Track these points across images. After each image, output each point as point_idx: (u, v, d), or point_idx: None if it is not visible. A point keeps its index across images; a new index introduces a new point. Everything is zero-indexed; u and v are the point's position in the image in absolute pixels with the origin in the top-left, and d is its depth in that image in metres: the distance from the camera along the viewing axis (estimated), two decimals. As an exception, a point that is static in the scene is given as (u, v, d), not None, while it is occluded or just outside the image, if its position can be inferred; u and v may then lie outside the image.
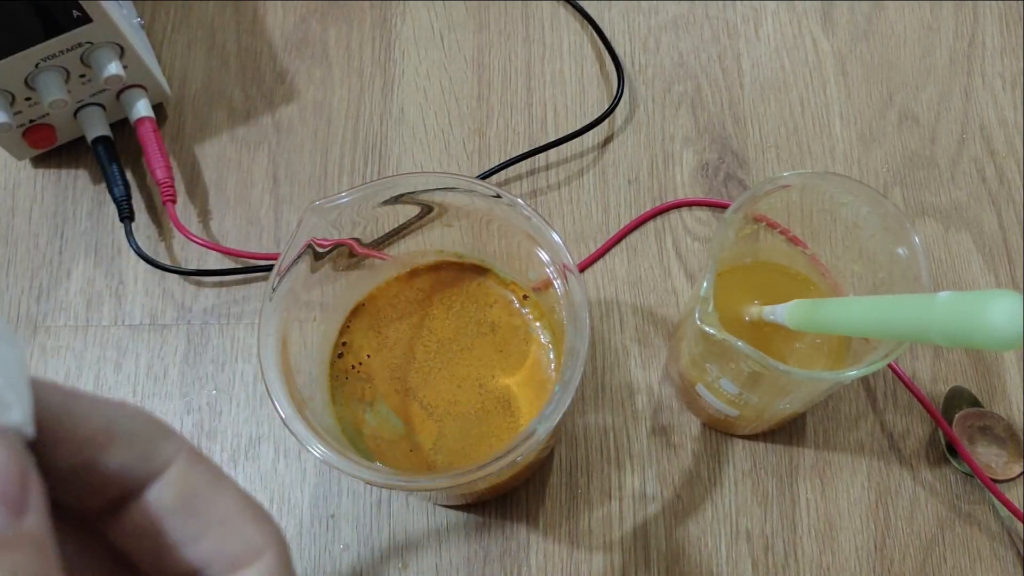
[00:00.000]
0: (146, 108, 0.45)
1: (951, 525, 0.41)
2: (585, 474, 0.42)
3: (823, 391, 0.37)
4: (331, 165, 0.48)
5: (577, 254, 0.46)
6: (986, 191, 0.47)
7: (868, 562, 0.40)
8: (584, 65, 0.50)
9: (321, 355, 0.37)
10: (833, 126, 0.48)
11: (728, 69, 0.50)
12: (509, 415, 0.37)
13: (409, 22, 0.51)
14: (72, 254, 0.46)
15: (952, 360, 0.44)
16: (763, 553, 0.40)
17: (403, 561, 0.40)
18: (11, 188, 0.47)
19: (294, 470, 0.42)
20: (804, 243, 0.38)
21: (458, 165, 0.48)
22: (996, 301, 0.23)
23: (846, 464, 0.42)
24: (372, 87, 0.49)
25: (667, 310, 0.45)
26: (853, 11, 0.51)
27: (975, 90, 0.49)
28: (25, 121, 0.44)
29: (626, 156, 0.48)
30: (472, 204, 0.35)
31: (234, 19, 0.51)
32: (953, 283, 0.45)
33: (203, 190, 0.47)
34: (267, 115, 0.49)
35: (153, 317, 0.45)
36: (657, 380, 0.43)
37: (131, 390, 0.43)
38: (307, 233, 0.33)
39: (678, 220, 0.47)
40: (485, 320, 0.38)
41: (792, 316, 0.34)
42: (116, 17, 0.41)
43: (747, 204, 0.34)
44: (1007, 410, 0.43)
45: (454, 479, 0.30)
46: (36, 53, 0.40)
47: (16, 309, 0.45)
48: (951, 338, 0.25)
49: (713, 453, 0.42)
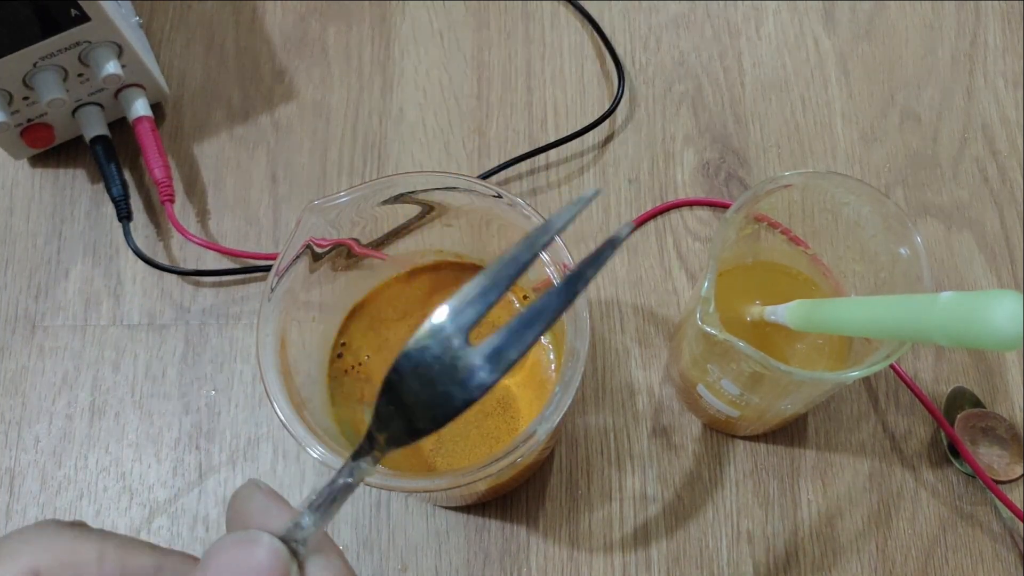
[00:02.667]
0: (144, 107, 0.45)
1: (953, 526, 0.41)
2: (585, 475, 0.42)
3: (825, 392, 0.37)
4: (330, 164, 0.48)
5: (577, 254, 0.45)
6: (988, 191, 0.47)
7: (870, 563, 0.40)
8: (584, 64, 0.50)
9: (320, 355, 0.37)
10: (835, 125, 0.48)
11: (729, 68, 0.50)
12: (509, 416, 0.37)
13: (408, 21, 0.51)
14: (70, 254, 0.46)
15: (954, 361, 0.44)
16: (764, 554, 0.40)
17: (403, 563, 0.40)
18: (9, 187, 0.47)
19: (293, 471, 0.42)
20: (805, 243, 0.38)
21: (457, 164, 0.48)
22: (998, 301, 0.23)
23: (848, 465, 0.42)
24: (371, 86, 0.49)
25: (668, 310, 0.44)
26: (855, 10, 0.51)
27: (977, 89, 0.49)
28: (23, 120, 0.43)
29: (626, 155, 0.48)
30: (472, 204, 0.34)
31: (233, 18, 0.51)
32: (955, 283, 0.45)
33: (201, 190, 0.47)
34: (266, 114, 0.49)
35: (151, 317, 0.44)
36: (658, 381, 0.43)
37: (129, 390, 0.43)
38: (306, 233, 0.33)
39: (679, 220, 0.46)
40: (485, 320, 0.38)
41: (793, 316, 0.33)
42: (114, 16, 0.41)
43: (748, 204, 0.34)
44: (1009, 411, 0.42)
45: (454, 480, 0.30)
46: (34, 52, 0.40)
47: (14, 308, 0.45)
48: (953, 338, 0.25)
49: (714, 454, 0.42)
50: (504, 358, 0.22)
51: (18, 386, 0.43)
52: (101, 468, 0.42)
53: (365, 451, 0.23)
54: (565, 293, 0.22)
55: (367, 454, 0.23)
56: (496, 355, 0.22)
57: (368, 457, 0.23)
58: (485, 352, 0.23)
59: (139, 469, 0.42)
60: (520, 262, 0.23)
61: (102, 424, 0.43)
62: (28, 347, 0.44)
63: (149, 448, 0.42)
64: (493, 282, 0.23)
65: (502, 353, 0.22)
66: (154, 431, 0.42)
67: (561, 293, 0.22)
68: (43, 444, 0.42)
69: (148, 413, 0.43)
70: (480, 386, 0.22)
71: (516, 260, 0.23)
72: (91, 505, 0.41)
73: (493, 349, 0.23)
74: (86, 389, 0.43)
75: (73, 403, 0.43)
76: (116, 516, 0.41)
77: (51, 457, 0.42)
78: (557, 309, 0.22)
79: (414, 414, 0.23)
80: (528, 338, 0.22)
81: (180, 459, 0.42)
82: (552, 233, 0.23)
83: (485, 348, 0.23)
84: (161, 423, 0.43)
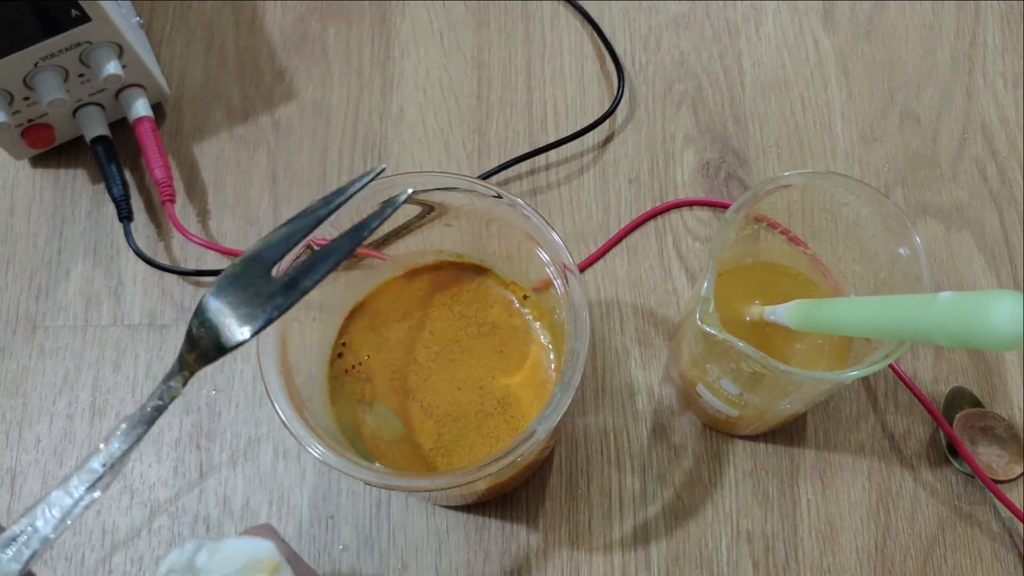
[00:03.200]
0: (145, 107, 0.45)
1: (952, 526, 0.41)
2: (585, 475, 0.42)
3: (824, 391, 0.37)
4: (330, 164, 0.48)
5: (577, 254, 0.46)
6: (988, 191, 0.47)
7: (869, 563, 0.40)
8: (584, 64, 0.50)
9: (320, 355, 0.37)
10: (834, 125, 0.48)
11: (729, 68, 0.50)
12: (509, 416, 0.37)
13: (408, 21, 0.51)
14: (71, 254, 0.46)
15: (953, 360, 0.44)
16: (764, 554, 0.40)
17: (403, 562, 0.40)
18: (10, 188, 0.47)
19: (293, 471, 0.42)
20: (805, 243, 0.38)
21: (457, 165, 0.48)
22: (997, 301, 0.23)
23: (847, 465, 0.42)
24: (371, 86, 0.49)
25: (667, 310, 0.45)
26: (854, 10, 0.51)
27: (976, 89, 0.49)
28: (24, 121, 0.43)
29: (626, 156, 0.48)
30: (472, 204, 0.34)
31: (233, 18, 0.51)
32: (954, 283, 0.45)
33: (202, 189, 0.47)
34: (266, 114, 0.49)
35: (152, 317, 0.44)
36: (657, 380, 0.43)
37: (130, 390, 0.43)
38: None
39: (679, 220, 0.46)
40: (485, 320, 0.38)
41: (793, 316, 0.34)
42: (115, 16, 0.41)
43: (748, 204, 0.34)
44: (1008, 410, 0.43)
45: (454, 480, 0.30)
46: (35, 52, 0.40)
47: (15, 309, 0.45)
48: (952, 338, 0.25)
49: (714, 454, 0.42)
50: (300, 286, 0.28)
51: (19, 386, 0.43)
52: (102, 468, 0.42)
53: (175, 372, 0.27)
54: (351, 239, 0.28)
55: (177, 374, 0.27)
56: (293, 283, 0.28)
57: (178, 376, 0.27)
58: (283, 282, 0.28)
59: (140, 469, 0.42)
60: (317, 216, 0.29)
61: (103, 424, 0.43)
62: (29, 347, 0.44)
63: (150, 448, 0.42)
64: (294, 230, 0.28)
65: (298, 282, 0.28)
66: (155, 431, 0.42)
67: (348, 238, 0.28)
68: (44, 444, 0.42)
69: (149, 413, 0.43)
70: (278, 307, 0.27)
71: (314, 214, 0.29)
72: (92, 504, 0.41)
73: (291, 279, 0.28)
74: (87, 389, 0.43)
75: (74, 403, 0.43)
76: (117, 516, 0.41)
77: (52, 457, 0.42)
78: (345, 250, 0.28)
79: (221, 333, 0.27)
80: (319, 272, 0.28)
81: (181, 459, 0.42)
82: (347, 196, 0.29)
83: (284, 279, 0.28)
84: (162, 423, 0.43)
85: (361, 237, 0.28)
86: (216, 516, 0.41)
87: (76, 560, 0.40)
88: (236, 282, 0.27)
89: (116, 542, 0.41)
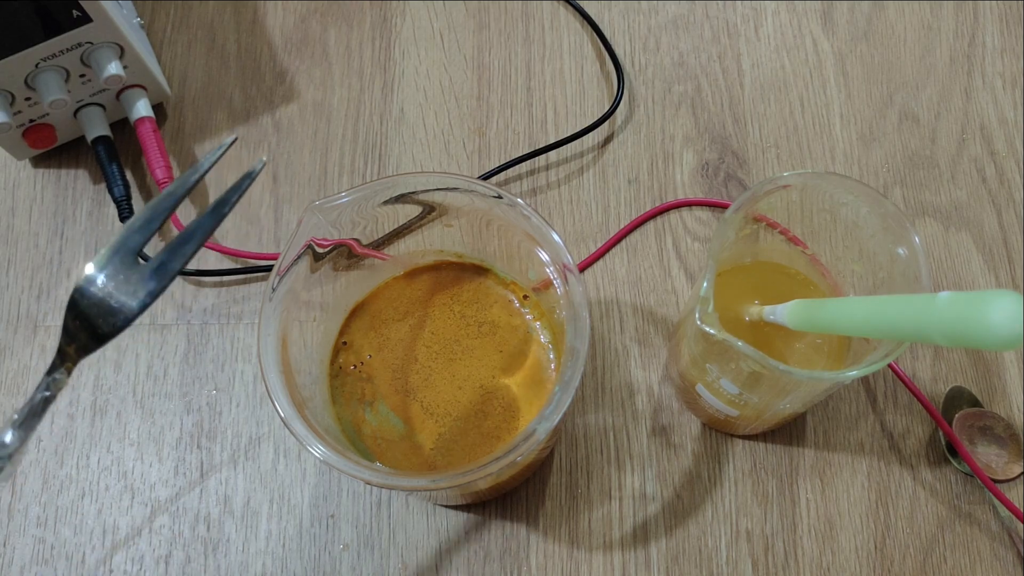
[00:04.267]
0: (146, 108, 0.45)
1: (951, 525, 0.41)
2: (585, 474, 0.42)
3: (823, 391, 0.37)
4: (331, 165, 0.48)
5: (577, 254, 0.46)
6: (986, 191, 0.47)
7: (868, 562, 0.40)
8: (584, 65, 0.50)
9: (321, 355, 0.37)
10: (833, 126, 0.48)
11: (728, 69, 0.50)
12: (509, 415, 0.37)
13: (409, 22, 0.51)
14: (72, 254, 0.46)
15: (952, 360, 0.44)
16: (763, 553, 0.40)
17: (403, 561, 0.40)
18: (11, 188, 0.47)
19: (294, 470, 0.42)
20: (804, 243, 0.38)
21: (458, 165, 0.48)
22: (996, 301, 0.23)
23: (846, 464, 0.42)
24: (372, 87, 0.49)
25: (667, 310, 0.45)
26: (853, 11, 0.51)
27: (975, 90, 0.49)
28: (25, 121, 0.44)
29: (626, 156, 0.48)
30: (472, 204, 0.35)
31: (234, 19, 0.51)
32: (953, 283, 0.45)
33: (203, 190, 0.47)
34: (267, 115, 0.49)
35: (153, 317, 0.45)
36: (657, 380, 0.43)
37: (131, 390, 0.43)
38: (307, 233, 0.33)
39: (678, 220, 0.47)
40: (485, 320, 0.38)
41: (792, 316, 0.34)
42: (116, 17, 0.41)
43: (747, 204, 0.34)
44: (1007, 410, 0.43)
45: (454, 479, 0.30)
46: (36, 53, 0.40)
47: (16, 308, 0.45)
48: (951, 338, 0.25)
49: (713, 453, 0.42)
50: (169, 270, 0.28)
51: (20, 386, 0.43)
52: (103, 467, 0.42)
53: (57, 365, 0.27)
54: (213, 216, 0.28)
55: (60, 367, 0.27)
56: (162, 268, 0.28)
57: (61, 369, 0.27)
58: (153, 267, 0.27)
59: (141, 468, 0.42)
60: (175, 196, 0.28)
61: (104, 423, 0.43)
62: (30, 347, 0.44)
63: (151, 447, 0.42)
64: (155, 214, 0.28)
65: (167, 265, 0.28)
66: (155, 430, 0.43)
67: (210, 216, 0.28)
68: (45, 443, 0.42)
69: (150, 412, 0.43)
70: (150, 293, 0.27)
71: (172, 195, 0.28)
72: (93, 504, 0.41)
73: (159, 263, 0.28)
74: (88, 389, 0.43)
75: (75, 402, 0.43)
76: (118, 515, 0.41)
77: (53, 456, 0.42)
78: (208, 228, 0.28)
79: (97, 324, 0.27)
80: (187, 252, 0.28)
81: (181, 458, 0.42)
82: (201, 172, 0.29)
83: (153, 264, 0.28)
84: (163, 422, 0.43)
85: (222, 214, 0.28)
86: (217, 515, 0.41)
87: (77, 560, 0.40)
88: (105, 271, 0.27)
89: (117, 541, 0.41)
